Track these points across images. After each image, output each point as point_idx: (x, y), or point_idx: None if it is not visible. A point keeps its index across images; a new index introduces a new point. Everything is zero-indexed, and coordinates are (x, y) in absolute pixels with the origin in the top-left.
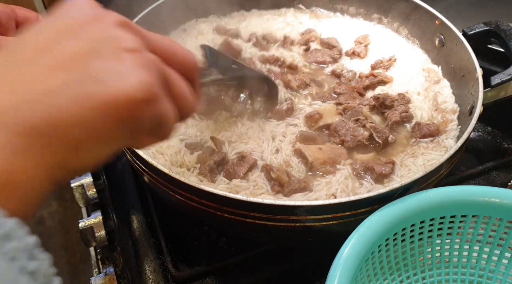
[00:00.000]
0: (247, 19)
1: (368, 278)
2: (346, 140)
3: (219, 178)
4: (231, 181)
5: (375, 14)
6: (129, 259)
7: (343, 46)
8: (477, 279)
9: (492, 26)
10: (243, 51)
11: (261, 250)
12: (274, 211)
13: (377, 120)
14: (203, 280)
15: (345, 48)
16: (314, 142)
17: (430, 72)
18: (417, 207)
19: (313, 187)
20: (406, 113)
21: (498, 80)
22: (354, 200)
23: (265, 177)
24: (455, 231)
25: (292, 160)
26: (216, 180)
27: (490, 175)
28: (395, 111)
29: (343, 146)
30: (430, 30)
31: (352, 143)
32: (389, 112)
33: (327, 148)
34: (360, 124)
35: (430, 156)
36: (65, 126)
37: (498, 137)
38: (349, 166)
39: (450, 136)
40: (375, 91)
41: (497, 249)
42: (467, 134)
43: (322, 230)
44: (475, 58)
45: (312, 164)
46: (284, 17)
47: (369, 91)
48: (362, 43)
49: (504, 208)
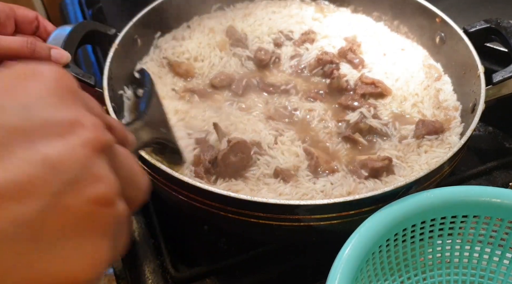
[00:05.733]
0: (252, 13)
1: (368, 279)
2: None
3: (218, 179)
4: (230, 179)
5: (375, 12)
6: (128, 259)
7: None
8: (478, 279)
9: (492, 23)
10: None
11: (261, 250)
12: (279, 210)
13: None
14: (203, 281)
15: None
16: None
17: (431, 68)
18: (418, 207)
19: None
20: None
21: (500, 78)
22: (359, 199)
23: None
24: (456, 231)
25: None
26: (212, 179)
27: (492, 175)
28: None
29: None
30: (430, 28)
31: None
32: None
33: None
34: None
35: (434, 153)
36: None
37: (500, 137)
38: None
39: (454, 134)
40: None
41: (498, 250)
42: (470, 132)
43: (326, 229)
44: (476, 55)
45: (318, 160)
46: (289, 9)
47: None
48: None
49: (506, 208)
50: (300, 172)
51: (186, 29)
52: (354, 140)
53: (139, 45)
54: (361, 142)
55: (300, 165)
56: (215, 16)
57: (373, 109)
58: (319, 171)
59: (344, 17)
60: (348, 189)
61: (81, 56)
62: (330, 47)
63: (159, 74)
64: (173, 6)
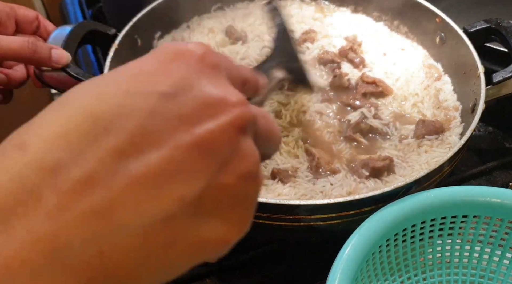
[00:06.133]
0: (252, 13)
1: (368, 279)
2: None
3: None
4: None
5: (375, 12)
6: None
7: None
8: (478, 279)
9: (492, 23)
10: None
11: (261, 250)
12: (279, 210)
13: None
14: (203, 281)
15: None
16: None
17: (431, 68)
18: (417, 207)
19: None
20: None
21: (500, 78)
22: (359, 199)
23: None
24: (456, 231)
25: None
26: None
27: (492, 175)
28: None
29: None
30: (430, 28)
31: None
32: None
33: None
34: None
35: (434, 153)
36: (140, 273)
37: (499, 137)
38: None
39: (454, 133)
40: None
41: (498, 250)
42: (470, 132)
43: (326, 229)
44: (476, 55)
45: (319, 161)
46: (289, 8)
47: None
48: (353, 44)
49: (505, 208)
50: (299, 173)
51: (186, 30)
52: (355, 141)
53: (139, 45)
54: (362, 142)
55: (300, 166)
56: (215, 16)
57: (374, 109)
58: (320, 172)
59: (344, 17)
60: (348, 189)
61: (81, 56)
62: (331, 46)
63: None
64: (173, 6)
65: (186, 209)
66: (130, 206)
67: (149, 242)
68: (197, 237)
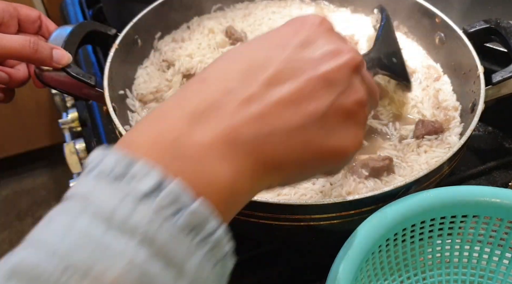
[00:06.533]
0: (252, 14)
1: (368, 279)
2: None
3: None
4: None
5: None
6: None
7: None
8: (478, 279)
9: (492, 23)
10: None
11: (261, 251)
12: (278, 210)
13: None
14: None
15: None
16: None
17: (430, 68)
18: (417, 207)
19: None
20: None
21: (500, 78)
22: (359, 199)
23: None
24: (456, 231)
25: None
26: None
27: (491, 175)
28: None
29: None
30: (430, 28)
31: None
32: None
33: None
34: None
35: (434, 153)
36: (286, 164)
37: (499, 137)
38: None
39: (454, 134)
40: None
41: (497, 250)
42: (469, 132)
43: (326, 229)
44: (476, 55)
45: None
46: (289, 9)
47: None
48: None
49: (505, 208)
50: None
51: (186, 30)
52: None
53: (140, 45)
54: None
55: None
56: (215, 16)
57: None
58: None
59: (344, 17)
60: (348, 189)
61: (82, 56)
62: None
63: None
64: (173, 7)
65: (315, 122)
66: (278, 116)
67: (291, 141)
68: (324, 144)
